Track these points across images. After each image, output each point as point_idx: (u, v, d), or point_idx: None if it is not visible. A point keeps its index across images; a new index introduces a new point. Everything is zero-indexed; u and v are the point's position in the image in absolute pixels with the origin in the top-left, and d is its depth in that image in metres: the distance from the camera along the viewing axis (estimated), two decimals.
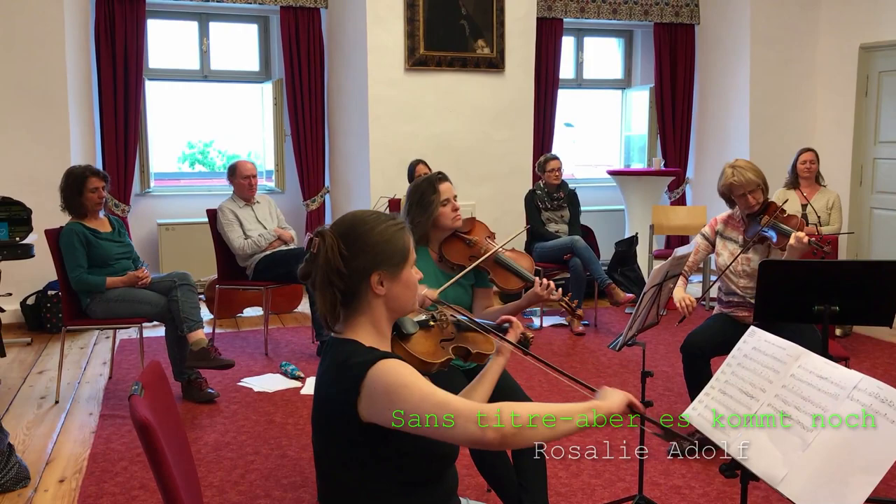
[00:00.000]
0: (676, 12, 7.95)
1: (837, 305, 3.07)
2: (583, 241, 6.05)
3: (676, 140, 8.17)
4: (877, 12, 7.09)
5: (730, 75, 7.83)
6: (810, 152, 5.99)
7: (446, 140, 6.80)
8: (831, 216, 5.85)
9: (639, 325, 2.87)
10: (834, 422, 1.78)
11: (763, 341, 2.13)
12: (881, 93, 7.13)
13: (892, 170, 7.09)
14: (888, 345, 5.54)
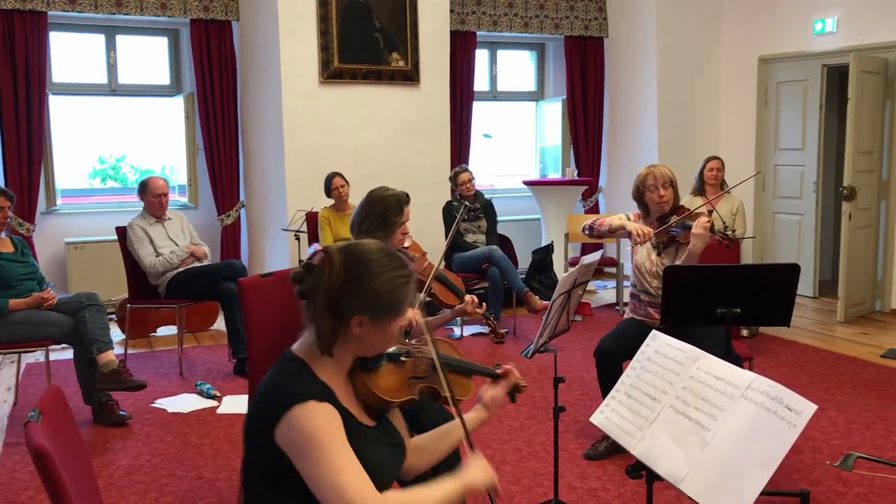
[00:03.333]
0: (586, 26, 8.16)
1: (739, 307, 3.21)
2: (500, 251, 6.14)
3: (589, 150, 8.37)
4: (774, 26, 7.43)
5: (638, 87, 8.07)
6: (717, 160, 6.22)
7: (364, 153, 6.80)
8: (736, 221, 6.08)
9: (550, 333, 2.93)
10: (730, 420, 1.86)
11: (665, 345, 2.20)
12: (780, 102, 7.47)
13: (792, 176, 7.43)
14: (791, 343, 5.80)
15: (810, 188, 7.23)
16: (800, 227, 7.37)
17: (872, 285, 6.74)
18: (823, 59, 6.95)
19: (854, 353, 5.50)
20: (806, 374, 5.04)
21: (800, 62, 7.19)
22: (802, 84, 7.20)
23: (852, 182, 6.28)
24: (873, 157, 6.52)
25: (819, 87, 7.03)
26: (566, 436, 4.00)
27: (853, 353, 5.53)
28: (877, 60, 6.42)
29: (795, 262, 3.27)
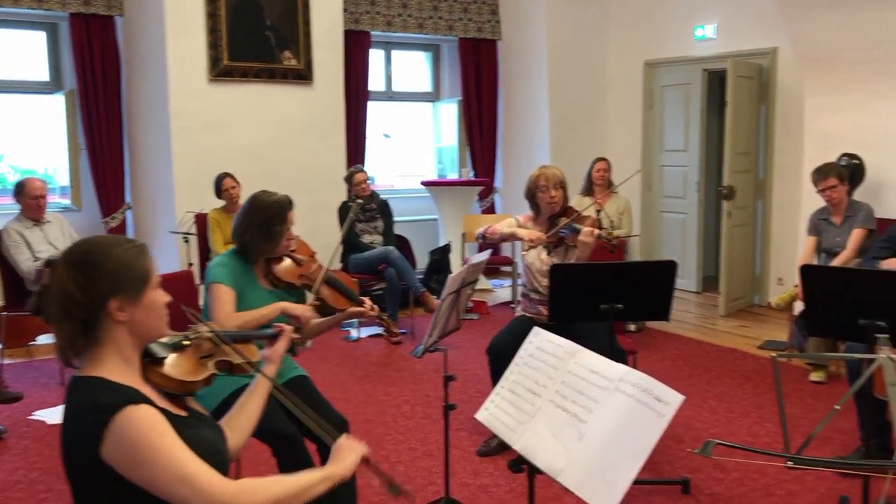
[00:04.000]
0: (479, 28, 8.27)
1: (621, 303, 3.32)
2: (397, 252, 6.14)
3: (484, 151, 8.47)
4: (658, 31, 7.72)
5: (530, 89, 8.23)
6: (604, 161, 6.42)
7: (256, 153, 6.67)
8: (622, 220, 6.29)
9: (440, 332, 2.95)
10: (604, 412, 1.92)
11: (546, 341, 2.26)
12: (664, 105, 7.77)
13: (677, 176, 7.73)
14: (676, 336, 6.04)
15: (693, 188, 7.54)
16: (684, 226, 7.68)
17: (751, 280, 7.09)
18: (704, 64, 7.27)
19: (734, 345, 5.77)
20: (689, 366, 5.26)
21: (682, 67, 7.50)
22: (685, 88, 7.51)
23: (731, 182, 6.59)
24: (750, 158, 6.86)
25: (700, 91, 7.34)
26: (460, 433, 4.04)
27: (733, 345, 5.80)
28: (752, 66, 6.76)
29: (672, 260, 3.40)
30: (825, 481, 3.40)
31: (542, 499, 3.25)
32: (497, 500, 3.36)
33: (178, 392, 1.76)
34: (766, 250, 7.03)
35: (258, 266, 2.93)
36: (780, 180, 6.85)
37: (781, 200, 6.85)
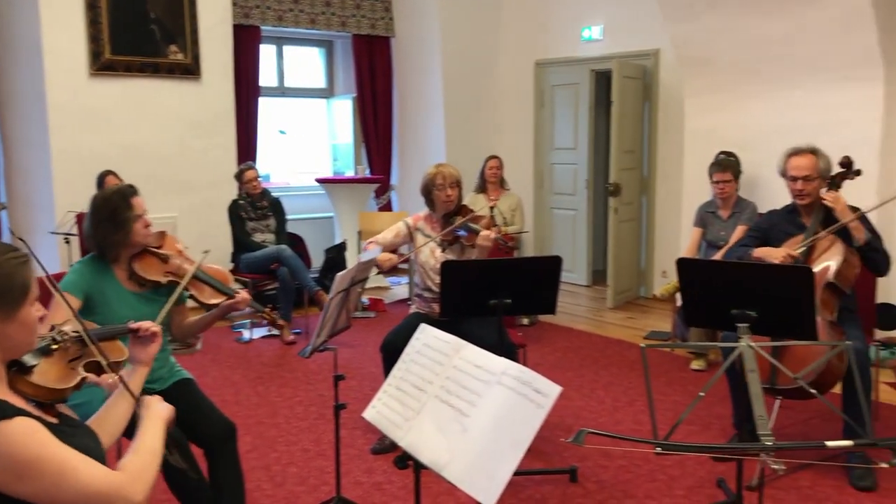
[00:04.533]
0: (373, 25, 8.24)
1: (510, 298, 3.39)
2: (290, 250, 6.06)
3: (380, 148, 8.46)
4: (547, 32, 7.90)
5: (425, 87, 8.27)
6: (496, 159, 6.53)
7: (141, 150, 6.45)
8: (515, 217, 6.41)
9: (329, 331, 2.93)
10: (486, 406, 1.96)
11: (432, 337, 2.28)
12: (555, 104, 7.95)
13: (567, 173, 7.93)
14: (567, 329, 6.20)
15: (582, 185, 7.76)
16: (574, 222, 7.89)
17: (637, 273, 7.36)
18: (591, 65, 7.48)
19: (621, 337, 5.98)
20: (578, 358, 5.41)
21: (571, 67, 7.69)
22: (574, 87, 7.71)
23: (617, 179, 6.81)
24: (635, 155, 7.11)
25: (588, 91, 7.55)
26: (355, 432, 4.04)
27: (620, 336, 6.01)
28: (636, 67, 7.01)
29: (558, 255, 3.50)
30: (704, 465, 3.56)
31: (436, 493, 3.29)
32: (391, 497, 3.37)
33: (48, 400, 1.69)
34: (651, 244, 7.31)
35: (120, 266, 2.79)
36: (663, 177, 7.13)
37: (664, 196, 7.14)
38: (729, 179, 5.20)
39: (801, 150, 3.65)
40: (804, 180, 3.60)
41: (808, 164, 3.60)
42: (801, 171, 3.60)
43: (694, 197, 6.08)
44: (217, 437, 2.72)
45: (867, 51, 5.20)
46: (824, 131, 5.25)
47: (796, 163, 3.62)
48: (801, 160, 3.61)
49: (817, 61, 5.47)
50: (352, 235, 7.35)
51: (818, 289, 3.38)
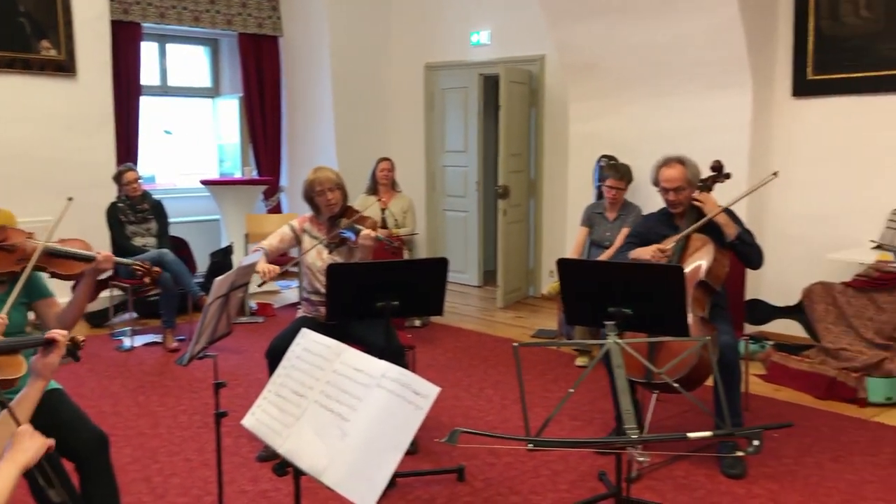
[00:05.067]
0: (260, 24, 8.09)
1: (397, 300, 3.39)
2: (172, 255, 5.87)
3: (268, 149, 8.32)
4: (437, 35, 7.96)
5: (314, 87, 8.18)
6: (387, 161, 6.52)
7: (12, 150, 6.10)
8: (406, 219, 6.43)
9: (208, 338, 2.86)
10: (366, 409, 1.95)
11: (312, 341, 2.26)
12: (445, 107, 8.02)
13: (458, 176, 8.02)
14: (458, 330, 6.27)
15: (473, 187, 7.86)
16: (465, 223, 7.98)
17: (526, 273, 7.51)
18: (479, 69, 7.59)
19: (510, 335, 6.09)
20: (468, 357, 5.47)
21: (460, 70, 7.78)
22: (463, 91, 7.79)
23: (506, 181, 6.93)
24: (522, 158, 7.26)
25: (477, 95, 7.66)
26: (240, 440, 3.95)
27: (509, 335, 6.11)
28: (523, 72, 7.15)
29: (444, 257, 3.53)
30: (586, 460, 3.67)
31: (323, 498, 3.25)
32: None
33: None
34: (539, 245, 7.48)
35: None
36: (550, 179, 7.31)
37: (551, 198, 7.31)
38: (622, 187, 5.39)
39: (670, 161, 3.77)
40: (675, 191, 3.75)
41: (678, 174, 3.74)
42: (672, 182, 3.75)
43: (578, 199, 6.26)
44: (88, 449, 2.60)
45: (736, 60, 5.48)
46: (698, 136, 5.52)
47: (667, 174, 3.76)
48: (671, 171, 3.75)
49: (692, 70, 5.73)
50: (239, 238, 7.19)
51: (690, 287, 3.54)
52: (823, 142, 5.52)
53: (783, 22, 5.61)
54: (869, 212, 5.24)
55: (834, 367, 4.53)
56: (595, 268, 3.56)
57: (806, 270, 5.32)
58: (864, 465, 3.60)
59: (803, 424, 4.11)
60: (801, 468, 3.56)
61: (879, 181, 5.26)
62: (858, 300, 4.66)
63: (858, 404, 4.39)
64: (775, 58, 5.67)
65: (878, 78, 5.21)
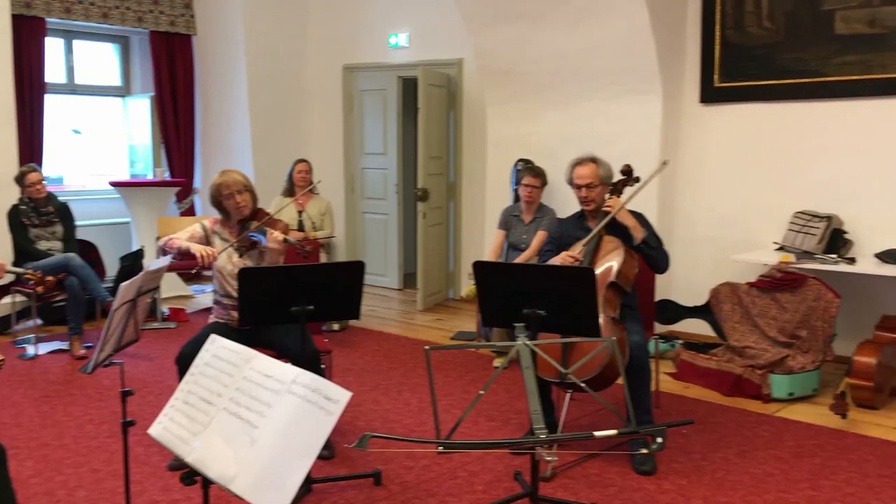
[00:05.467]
0: (172, 21, 7.88)
1: (313, 305, 3.35)
2: (79, 259, 5.66)
3: (181, 150, 8.12)
4: (355, 37, 7.91)
5: (229, 87, 8.03)
6: (304, 163, 6.45)
7: None
8: (324, 221, 6.37)
9: (114, 345, 2.77)
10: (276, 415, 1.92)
11: (221, 348, 2.21)
12: (364, 109, 7.98)
13: (377, 178, 7.99)
14: (378, 333, 6.24)
15: (392, 190, 7.85)
16: (385, 226, 7.97)
17: (446, 276, 7.53)
18: (398, 71, 7.58)
19: (429, 338, 6.10)
20: (387, 361, 5.46)
21: (379, 72, 7.76)
22: (382, 93, 7.78)
23: (425, 184, 6.94)
24: (442, 161, 7.28)
25: (396, 97, 7.65)
26: (152, 449, 3.83)
27: (429, 337, 6.13)
28: (441, 75, 7.18)
29: (360, 260, 3.51)
30: (502, 460, 3.70)
31: None
32: None
33: None
34: (458, 247, 7.52)
35: None
36: (469, 182, 7.35)
37: (470, 201, 7.36)
38: (538, 185, 5.48)
39: (584, 160, 3.89)
40: (587, 188, 3.85)
41: (590, 172, 3.84)
42: (584, 179, 3.85)
43: (496, 202, 6.33)
44: None
45: (647, 68, 5.64)
46: (611, 141, 5.64)
47: (579, 172, 3.87)
48: (584, 169, 3.86)
49: (605, 76, 5.87)
50: (150, 242, 6.98)
51: (601, 288, 3.62)
52: (730, 147, 5.73)
53: (691, 31, 5.80)
54: (773, 214, 5.46)
55: (740, 365, 4.69)
56: (510, 270, 3.60)
57: (713, 271, 5.51)
58: (767, 458, 3.74)
59: (711, 420, 4.25)
60: (708, 463, 3.68)
61: (783, 185, 5.49)
62: (762, 300, 4.85)
63: (763, 400, 4.56)
64: (684, 66, 5.86)
65: (780, 86, 5.44)
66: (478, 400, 2.25)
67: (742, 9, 5.54)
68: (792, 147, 5.46)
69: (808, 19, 5.29)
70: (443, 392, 4.76)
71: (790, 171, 5.47)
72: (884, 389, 4.46)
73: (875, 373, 4.34)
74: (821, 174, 5.34)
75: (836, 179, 5.28)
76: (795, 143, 5.44)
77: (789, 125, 5.46)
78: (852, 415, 4.23)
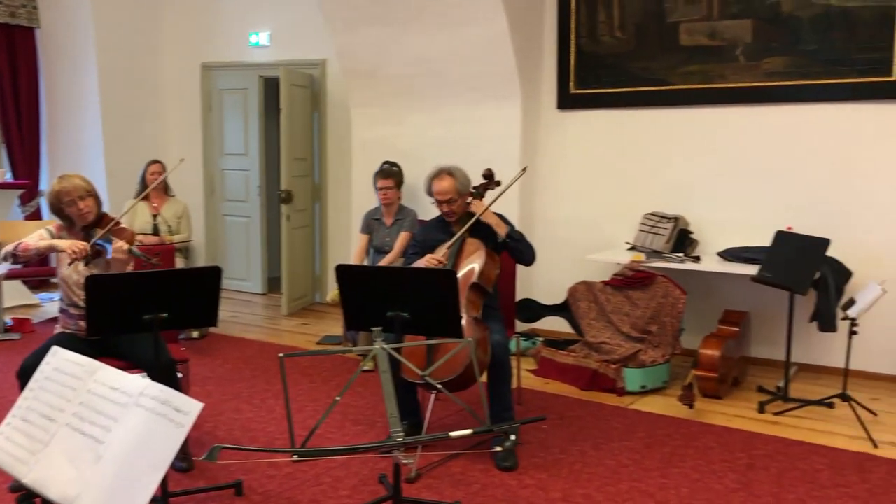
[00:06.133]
0: (12, 13, 7.38)
1: (166, 312, 3.22)
2: None
3: (25, 150, 7.62)
4: (214, 35, 7.68)
5: (79, 84, 7.61)
6: (158, 164, 6.19)
7: None
8: (181, 225, 6.14)
9: None
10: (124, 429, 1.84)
11: (64, 360, 2.09)
12: (224, 109, 7.76)
13: (239, 179, 7.79)
14: (240, 340, 6.08)
15: (255, 192, 7.68)
16: (248, 229, 7.78)
17: (312, 279, 7.44)
18: (260, 71, 7.42)
19: (295, 343, 6.00)
20: (250, 368, 5.33)
21: (239, 71, 7.56)
22: (243, 92, 7.59)
23: (289, 186, 6.83)
24: (306, 163, 7.18)
25: (258, 97, 7.49)
26: None
27: (294, 343, 6.03)
28: (304, 76, 7.08)
29: (217, 265, 3.41)
30: (367, 464, 3.69)
31: None
32: None
33: None
34: (325, 250, 7.44)
35: None
36: (334, 184, 7.29)
37: (336, 203, 7.30)
38: (391, 186, 5.48)
39: (441, 174, 3.92)
40: (448, 203, 3.91)
41: (448, 187, 3.90)
42: (444, 195, 3.91)
43: (363, 204, 6.30)
44: None
45: (507, 74, 5.78)
46: (474, 145, 5.76)
47: (438, 187, 3.92)
48: (442, 184, 3.90)
49: (467, 81, 5.96)
50: None
51: (464, 289, 3.68)
52: (586, 151, 5.97)
53: (548, 39, 6.00)
54: (625, 216, 5.73)
55: (596, 360, 4.89)
56: (373, 273, 3.59)
57: (571, 271, 5.72)
58: (621, 449, 3.91)
59: (569, 415, 4.41)
60: (566, 457, 3.81)
61: (634, 187, 5.76)
62: (616, 297, 5.07)
63: (617, 393, 4.77)
64: (542, 72, 6.05)
65: (630, 93, 5.71)
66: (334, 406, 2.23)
67: (595, 19, 5.78)
68: (642, 151, 5.74)
69: (655, 30, 5.58)
70: (309, 398, 4.70)
71: (641, 175, 5.75)
72: (727, 380, 4.77)
73: (719, 364, 4.62)
74: (668, 177, 5.65)
75: (682, 182, 5.59)
76: (645, 147, 5.73)
77: (640, 131, 5.74)
78: (699, 405, 4.49)
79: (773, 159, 5.29)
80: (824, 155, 5.15)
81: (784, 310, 4.68)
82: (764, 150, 5.33)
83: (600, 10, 5.75)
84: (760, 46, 5.25)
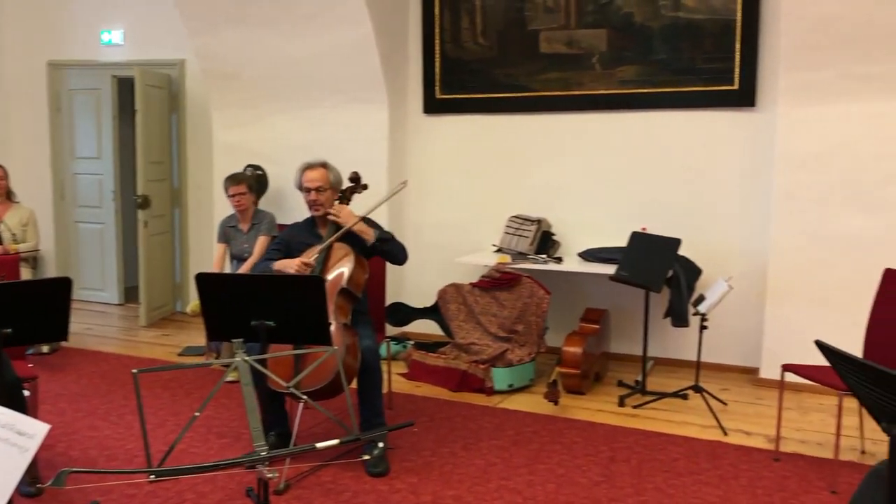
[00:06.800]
0: None
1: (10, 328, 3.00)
2: None
3: None
4: (62, 32, 7.25)
5: None
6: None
7: None
8: (27, 233, 5.75)
9: None
10: None
11: None
12: (74, 110, 7.33)
13: (92, 184, 7.38)
14: (95, 353, 5.77)
15: (109, 197, 7.30)
16: (102, 236, 7.38)
17: (172, 288, 7.14)
18: (113, 70, 7.06)
19: (155, 355, 5.75)
20: (107, 383, 5.06)
21: (91, 71, 7.17)
22: (95, 93, 7.20)
23: (146, 191, 6.53)
24: (164, 166, 6.90)
25: (111, 98, 7.12)
26: None
27: (154, 354, 5.77)
28: (161, 76, 6.80)
29: (67, 276, 3.22)
30: (234, 477, 3.57)
31: None
32: None
33: None
34: (186, 257, 7.16)
35: None
36: (195, 188, 7.04)
37: (197, 208, 7.05)
38: (244, 192, 5.34)
39: (313, 165, 3.94)
40: (317, 191, 3.87)
41: (320, 176, 3.88)
42: (313, 182, 3.87)
43: (226, 209, 6.10)
44: None
45: (373, 78, 5.77)
46: (341, 148, 5.71)
47: (309, 176, 3.89)
48: (313, 173, 3.89)
49: (333, 84, 5.91)
50: None
51: (333, 295, 3.64)
52: (453, 156, 6.04)
53: (413, 44, 6.03)
54: (492, 219, 5.84)
55: (465, 361, 4.95)
56: (236, 282, 3.49)
57: (441, 273, 5.78)
58: (490, 448, 3.98)
59: (439, 416, 4.44)
60: (437, 458, 3.84)
61: (500, 191, 5.89)
62: (484, 298, 5.16)
63: (486, 393, 4.85)
64: (408, 77, 6.08)
65: (494, 99, 5.83)
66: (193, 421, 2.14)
67: (459, 25, 5.86)
68: (507, 156, 5.87)
69: (516, 38, 5.72)
70: (170, 412, 4.50)
71: (506, 178, 5.88)
72: (589, 375, 4.95)
73: (581, 361, 4.79)
74: (532, 181, 5.80)
75: (544, 185, 5.76)
76: (510, 152, 5.86)
77: (503, 136, 5.87)
78: (563, 401, 4.63)
79: (629, 163, 5.54)
80: (674, 159, 5.43)
81: (640, 307, 4.90)
82: (620, 155, 5.57)
83: (464, 16, 5.84)
84: (615, 55, 5.48)
